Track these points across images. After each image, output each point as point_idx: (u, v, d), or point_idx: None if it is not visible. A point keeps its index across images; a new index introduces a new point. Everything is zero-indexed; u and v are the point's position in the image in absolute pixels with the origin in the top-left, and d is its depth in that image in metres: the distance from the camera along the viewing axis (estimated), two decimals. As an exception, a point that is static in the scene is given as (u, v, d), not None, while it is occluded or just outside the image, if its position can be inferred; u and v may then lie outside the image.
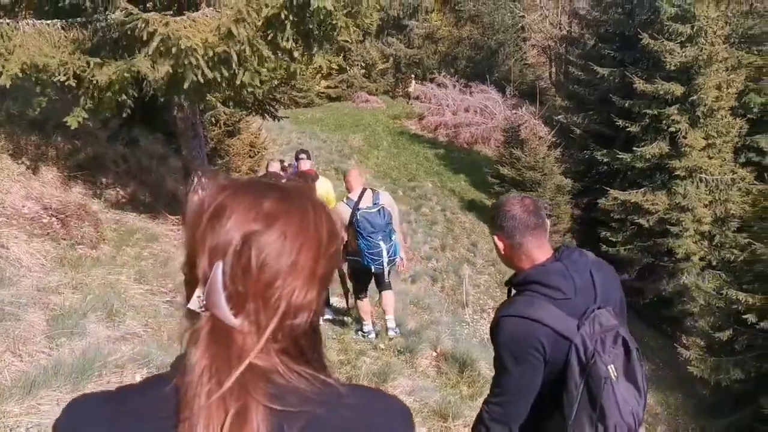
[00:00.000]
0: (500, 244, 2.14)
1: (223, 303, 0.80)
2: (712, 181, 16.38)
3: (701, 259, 16.49)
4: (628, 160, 17.05)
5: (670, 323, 17.05)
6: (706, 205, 16.26)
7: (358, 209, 5.54)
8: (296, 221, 0.85)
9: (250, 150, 12.95)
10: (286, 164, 10.12)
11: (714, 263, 16.38)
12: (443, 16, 35.28)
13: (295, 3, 5.82)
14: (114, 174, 8.04)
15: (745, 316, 10.95)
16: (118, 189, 7.73)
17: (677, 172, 16.25)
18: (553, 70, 33.83)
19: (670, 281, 16.26)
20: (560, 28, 31.23)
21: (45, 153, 7.16)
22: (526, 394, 1.99)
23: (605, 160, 18.10)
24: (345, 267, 6.20)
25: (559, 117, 21.52)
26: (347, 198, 5.76)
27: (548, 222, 2.19)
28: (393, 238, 5.67)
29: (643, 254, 16.70)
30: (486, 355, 5.74)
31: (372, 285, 6.02)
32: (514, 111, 23.79)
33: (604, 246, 17.42)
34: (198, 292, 0.82)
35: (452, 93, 28.54)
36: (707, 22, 16.04)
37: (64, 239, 5.62)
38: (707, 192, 16.33)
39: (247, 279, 0.81)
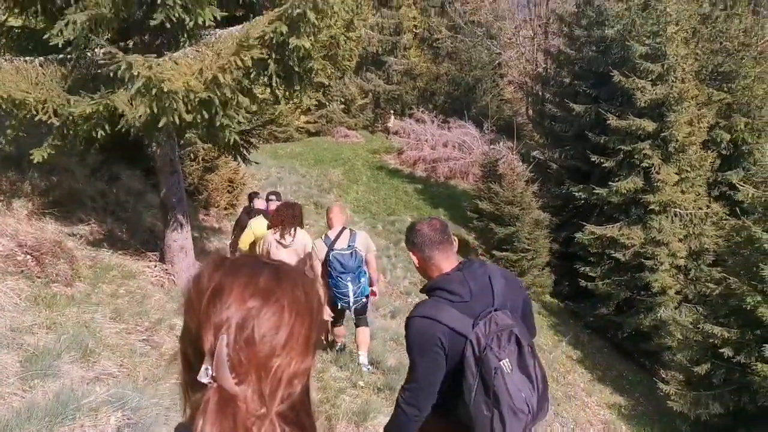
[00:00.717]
0: (414, 258, 2.59)
1: (227, 374, 0.88)
2: (686, 215, 16.63)
3: (677, 293, 16.63)
4: (604, 194, 17.27)
5: (648, 357, 17.12)
6: (680, 240, 16.47)
7: (333, 249, 5.71)
8: (289, 295, 0.95)
9: (229, 185, 12.93)
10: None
11: (690, 297, 16.55)
12: (421, 52, 35.81)
13: (275, 42, 5.88)
14: (91, 210, 7.97)
15: (721, 350, 11.05)
16: (94, 225, 7.64)
17: (652, 207, 16.48)
18: (530, 106, 34.38)
19: (648, 315, 16.35)
20: (536, 65, 31.82)
21: (20, 189, 7.08)
22: (432, 382, 2.35)
23: (582, 195, 18.31)
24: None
25: (536, 152, 21.83)
26: (325, 236, 5.88)
27: (455, 239, 2.65)
28: (362, 280, 5.81)
29: (620, 288, 16.81)
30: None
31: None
32: (491, 146, 24.06)
33: (583, 281, 17.52)
34: (205, 365, 0.89)
35: (431, 128, 28.83)
36: (677, 60, 16.45)
37: (39, 277, 5.53)
38: (681, 226, 16.56)
39: (249, 351, 0.90)
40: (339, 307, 5.89)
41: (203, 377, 0.89)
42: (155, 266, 7.53)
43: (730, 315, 11.67)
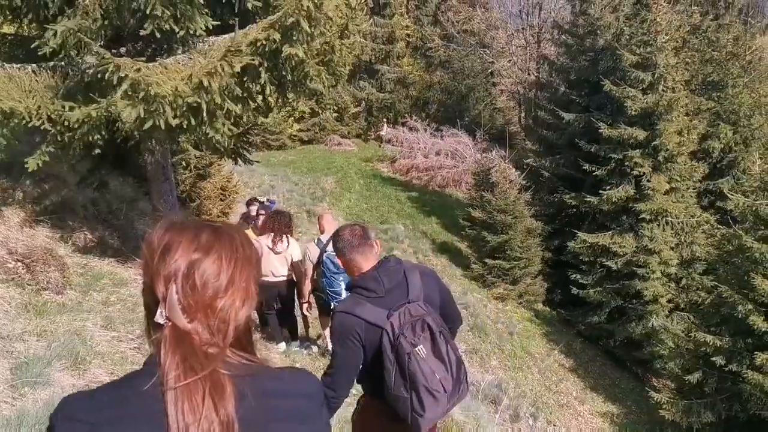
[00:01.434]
0: (339, 261, 2.90)
1: (179, 314, 1.10)
2: (678, 223, 16.70)
3: (669, 301, 16.67)
4: (596, 203, 17.33)
5: (640, 365, 17.14)
6: (672, 248, 16.53)
7: (326, 251, 6.10)
8: (227, 248, 1.17)
9: (222, 194, 12.90)
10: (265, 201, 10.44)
11: (682, 305, 16.60)
12: (414, 61, 35.94)
13: (267, 50, 5.89)
14: (82, 218, 7.94)
15: (713, 359, 11.07)
16: (86, 233, 7.61)
17: (643, 215, 16.53)
18: (523, 114, 34.51)
19: (639, 323, 16.39)
20: (529, 73, 31.97)
21: (12, 196, 7.06)
22: (348, 369, 2.63)
23: (574, 203, 18.37)
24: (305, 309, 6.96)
25: (529, 160, 21.85)
26: (318, 239, 6.43)
27: (377, 242, 2.92)
28: None
29: (612, 296, 16.84)
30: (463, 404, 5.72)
31: None
32: (484, 154, 24.13)
33: (575, 289, 17.55)
34: (160, 308, 1.10)
35: (423, 137, 28.91)
36: (667, 69, 16.56)
37: (30, 284, 5.50)
38: (673, 234, 16.62)
39: (195, 295, 1.11)
40: (332, 307, 5.96)
41: (159, 318, 1.10)
42: (146, 274, 7.49)
43: (721, 323, 11.71)
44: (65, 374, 3.95)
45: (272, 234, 7.00)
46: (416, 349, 2.53)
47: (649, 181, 16.48)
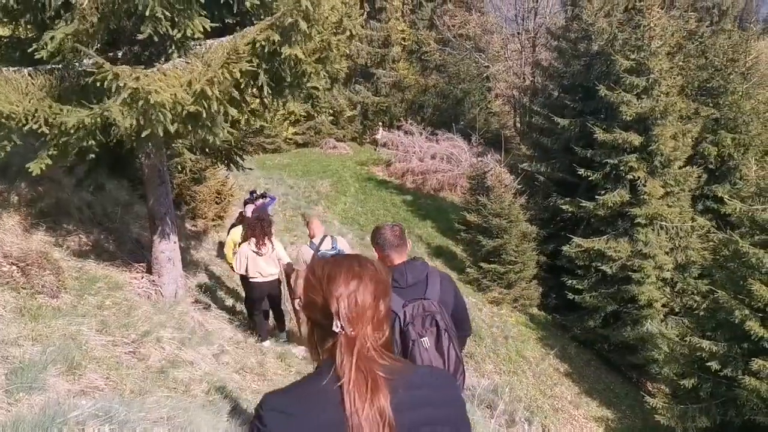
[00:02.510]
0: (376, 254, 3.37)
1: (348, 325, 1.52)
2: (672, 228, 16.72)
3: (664, 305, 16.69)
4: (591, 207, 17.34)
5: (635, 370, 17.15)
6: (667, 252, 16.54)
7: (319, 251, 6.95)
8: (372, 276, 1.59)
9: (217, 197, 12.86)
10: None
11: (677, 310, 16.63)
12: (410, 65, 35.97)
13: (266, 51, 5.87)
14: (77, 221, 7.90)
15: (708, 364, 11.08)
16: (81, 236, 7.57)
17: (638, 220, 16.55)
18: (517, 119, 34.57)
19: (634, 328, 16.40)
20: (524, 78, 32.03)
21: (7, 199, 7.02)
22: None
23: (569, 207, 18.38)
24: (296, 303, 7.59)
25: (524, 165, 21.86)
26: (310, 242, 7.21)
27: (409, 242, 3.45)
28: None
29: (607, 301, 16.84)
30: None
31: None
32: (479, 158, 24.15)
33: (570, 293, 17.55)
34: (335, 321, 1.51)
35: (419, 140, 28.91)
36: (661, 74, 16.60)
37: (24, 288, 5.46)
38: (668, 239, 16.64)
39: (357, 311, 1.53)
40: None
41: (336, 328, 1.51)
42: (142, 277, 7.47)
43: (716, 328, 11.71)
44: (60, 379, 3.92)
45: (254, 239, 7.66)
46: (421, 339, 2.91)
47: (644, 185, 16.50)
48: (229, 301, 9.43)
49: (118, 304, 6.23)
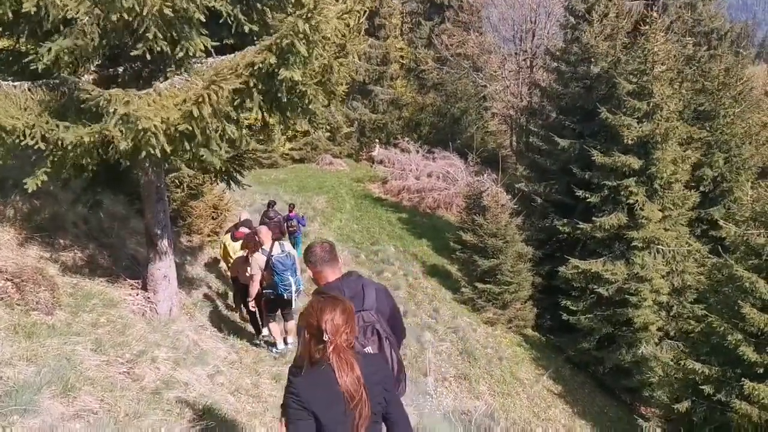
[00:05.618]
0: (310, 272, 3.57)
1: (332, 336, 2.61)
2: (669, 252, 16.75)
3: (659, 329, 16.67)
4: (588, 229, 17.35)
5: (629, 393, 17.11)
6: (663, 276, 16.55)
7: (272, 255, 7.88)
8: (345, 307, 2.71)
9: (213, 212, 12.80)
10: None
11: (672, 333, 16.61)
12: (407, 83, 36.11)
13: (264, 71, 5.86)
14: (73, 236, 7.84)
15: (702, 387, 11.05)
16: (76, 251, 7.51)
17: (635, 243, 16.56)
18: (514, 138, 34.67)
19: (629, 351, 16.37)
20: (521, 98, 32.17)
21: (2, 213, 6.97)
22: None
23: (565, 229, 18.39)
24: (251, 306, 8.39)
25: (521, 185, 21.89)
26: (262, 249, 8.04)
27: (340, 257, 3.68)
28: (297, 274, 8.04)
29: (602, 323, 16.82)
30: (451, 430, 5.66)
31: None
32: (476, 178, 24.19)
33: (565, 315, 17.52)
34: (325, 334, 2.60)
35: (415, 158, 28.94)
36: (663, 99, 16.69)
37: (19, 305, 5.40)
38: (664, 263, 16.66)
39: (336, 329, 2.62)
40: (285, 298, 7.90)
41: (325, 337, 2.59)
42: (137, 294, 7.41)
43: (711, 352, 11.68)
44: (55, 402, 3.86)
45: (247, 251, 8.87)
46: (365, 350, 3.19)
47: (642, 209, 16.53)
48: (225, 319, 9.36)
49: (113, 322, 6.17)
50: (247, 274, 8.48)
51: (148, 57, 5.69)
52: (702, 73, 20.06)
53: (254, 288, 8.17)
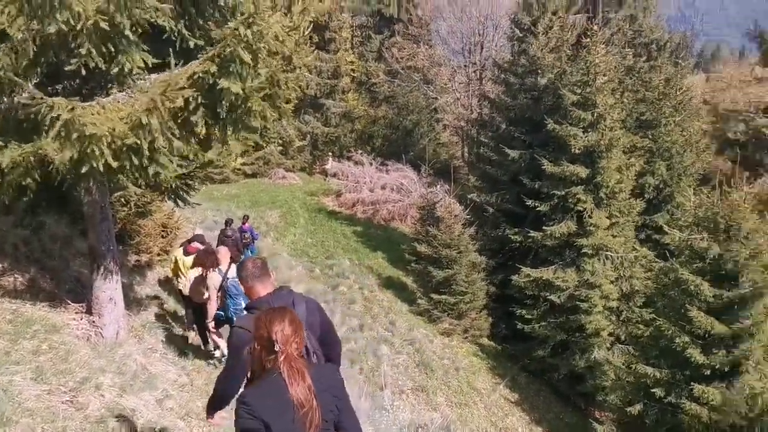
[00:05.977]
0: (242, 287, 3.69)
1: (282, 346, 2.76)
2: (617, 258, 17.10)
3: (610, 334, 16.97)
4: (539, 238, 17.59)
5: (583, 398, 17.34)
6: (612, 282, 16.88)
7: (227, 278, 7.84)
8: (293, 318, 2.88)
9: (163, 230, 12.55)
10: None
11: (623, 338, 16.92)
12: (359, 96, 36.22)
13: (206, 83, 5.78)
14: (13, 259, 7.58)
15: (653, 390, 11.26)
16: (16, 275, 7.26)
17: (585, 250, 16.85)
18: (466, 150, 35.04)
19: (582, 356, 16.62)
20: (471, 110, 32.54)
21: (-64, 238, 6.68)
22: (235, 374, 3.43)
23: (517, 238, 18.62)
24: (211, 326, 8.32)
25: (473, 195, 22.08)
26: (218, 269, 8.04)
27: (272, 273, 3.79)
28: None
29: (556, 330, 17.04)
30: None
31: None
32: (429, 189, 24.32)
33: (520, 323, 17.69)
34: (276, 344, 2.75)
35: (369, 170, 28.98)
36: (606, 109, 17.11)
37: (-47, 334, 5.18)
38: (613, 269, 17.00)
39: (286, 339, 2.77)
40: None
41: (276, 347, 2.74)
42: (81, 318, 7.19)
43: (660, 356, 11.93)
44: (-11, 436, 3.69)
45: (201, 268, 8.48)
46: None
47: (590, 216, 16.85)
48: (176, 340, 9.15)
49: (55, 349, 5.96)
50: (204, 297, 8.37)
51: (83, 72, 5.55)
52: (643, 83, 20.71)
53: (212, 309, 8.10)
